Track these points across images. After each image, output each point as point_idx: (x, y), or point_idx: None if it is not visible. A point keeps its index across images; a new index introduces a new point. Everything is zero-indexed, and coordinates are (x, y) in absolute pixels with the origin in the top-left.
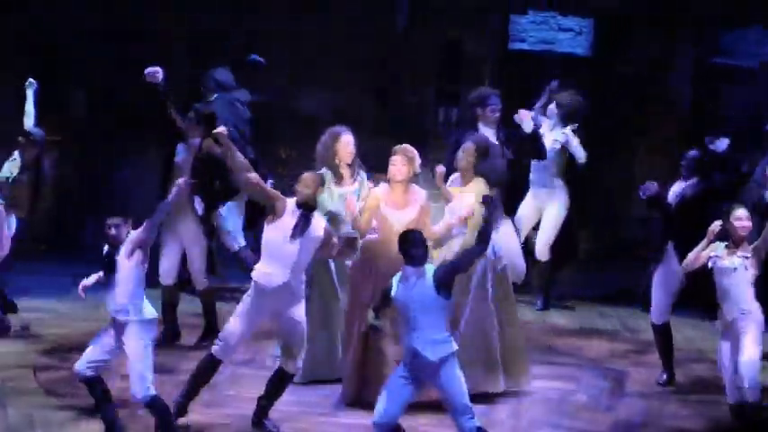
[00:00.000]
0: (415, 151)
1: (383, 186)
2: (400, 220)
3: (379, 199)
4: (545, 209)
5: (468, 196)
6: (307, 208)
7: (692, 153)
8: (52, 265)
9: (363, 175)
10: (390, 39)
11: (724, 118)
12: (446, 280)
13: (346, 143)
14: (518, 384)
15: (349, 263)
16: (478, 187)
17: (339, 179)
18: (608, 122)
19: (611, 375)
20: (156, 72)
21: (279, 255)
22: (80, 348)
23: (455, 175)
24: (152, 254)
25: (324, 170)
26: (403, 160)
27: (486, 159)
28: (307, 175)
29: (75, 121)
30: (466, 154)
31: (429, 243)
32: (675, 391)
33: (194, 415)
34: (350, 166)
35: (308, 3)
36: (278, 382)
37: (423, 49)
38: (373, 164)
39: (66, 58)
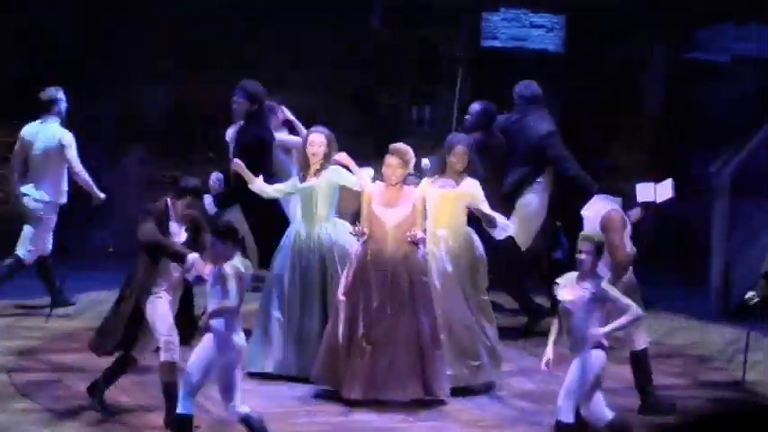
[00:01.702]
0: (411, 152)
1: (374, 185)
2: (392, 218)
3: (371, 198)
4: None
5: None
6: None
7: (476, 107)
8: (32, 268)
9: (336, 168)
10: (365, 39)
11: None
12: None
13: (309, 142)
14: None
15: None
16: (474, 187)
17: (305, 176)
18: (580, 119)
19: None
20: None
21: None
22: (56, 351)
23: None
24: None
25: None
26: (398, 163)
27: (474, 159)
28: None
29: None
30: (461, 156)
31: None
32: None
33: (158, 417)
34: (323, 162)
35: (284, 4)
36: None
37: (398, 49)
38: None
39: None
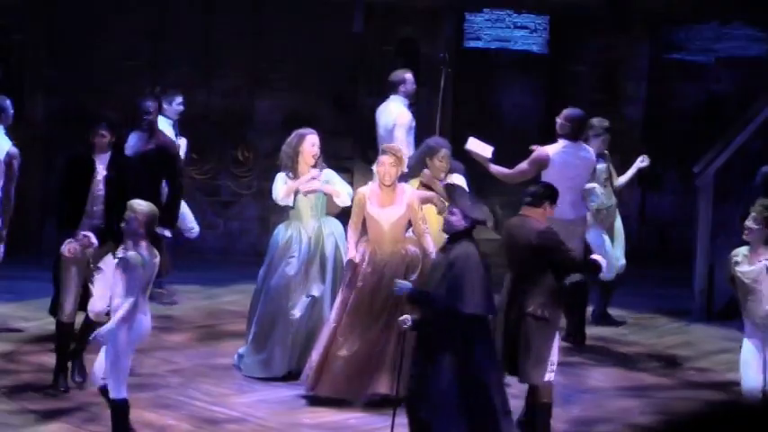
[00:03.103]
0: (403, 150)
1: (370, 185)
2: (387, 218)
3: (366, 198)
4: None
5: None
6: None
7: (148, 104)
8: (11, 269)
9: (329, 171)
10: (346, 40)
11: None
12: None
13: (311, 144)
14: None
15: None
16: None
17: (296, 175)
18: None
19: (569, 372)
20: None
21: None
22: (37, 352)
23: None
24: None
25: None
26: (392, 161)
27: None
28: None
29: (35, 124)
30: (445, 160)
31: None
32: (633, 387)
33: (149, 415)
34: (313, 166)
35: (265, 4)
36: None
37: (378, 49)
38: (329, 165)
39: (26, 61)
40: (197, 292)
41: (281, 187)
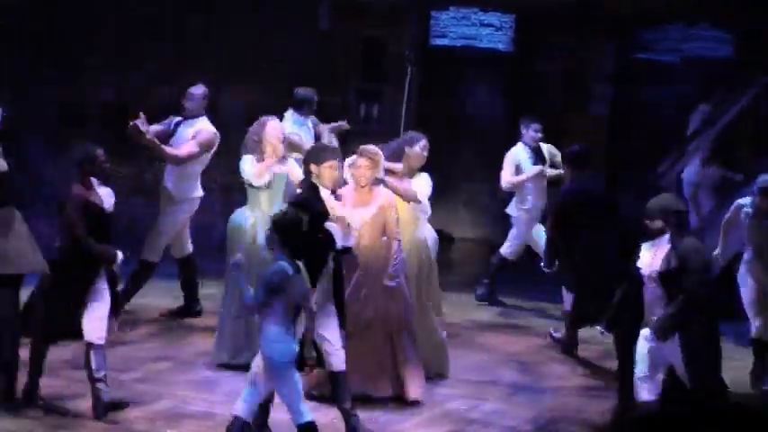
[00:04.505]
0: (380, 153)
1: (347, 187)
2: (358, 219)
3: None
4: None
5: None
6: None
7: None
8: None
9: (292, 160)
10: (312, 37)
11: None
12: None
13: (272, 128)
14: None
15: None
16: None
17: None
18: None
19: (529, 370)
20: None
21: None
22: None
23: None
24: None
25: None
26: (367, 164)
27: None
28: None
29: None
30: (425, 150)
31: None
32: (592, 387)
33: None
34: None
35: (231, 1)
36: None
37: (344, 46)
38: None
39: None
40: (162, 285)
41: (251, 168)
